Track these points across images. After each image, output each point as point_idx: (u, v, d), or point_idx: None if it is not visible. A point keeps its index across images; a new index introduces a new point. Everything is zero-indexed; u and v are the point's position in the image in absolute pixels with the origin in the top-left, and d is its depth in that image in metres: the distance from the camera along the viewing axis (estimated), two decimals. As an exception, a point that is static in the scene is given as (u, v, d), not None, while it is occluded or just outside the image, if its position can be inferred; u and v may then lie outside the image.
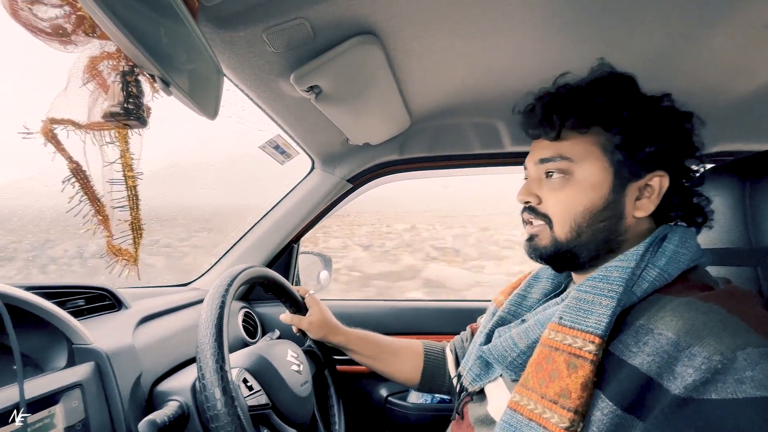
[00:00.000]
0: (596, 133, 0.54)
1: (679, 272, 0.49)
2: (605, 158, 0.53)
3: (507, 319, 0.67)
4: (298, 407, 0.71)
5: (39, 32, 0.43)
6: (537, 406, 0.47)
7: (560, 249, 0.55)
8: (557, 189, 0.55)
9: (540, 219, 0.57)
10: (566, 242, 0.55)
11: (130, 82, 0.49)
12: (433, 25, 0.68)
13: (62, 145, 0.48)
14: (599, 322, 0.46)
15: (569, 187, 0.54)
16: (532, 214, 0.58)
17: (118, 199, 0.55)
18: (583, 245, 0.54)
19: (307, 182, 1.21)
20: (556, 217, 0.55)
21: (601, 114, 0.54)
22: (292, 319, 0.87)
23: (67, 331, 0.61)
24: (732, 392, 0.36)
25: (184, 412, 0.63)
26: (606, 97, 0.54)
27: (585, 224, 0.53)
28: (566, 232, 0.54)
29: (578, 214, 0.53)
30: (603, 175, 0.53)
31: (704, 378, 0.37)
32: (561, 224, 0.55)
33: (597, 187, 0.53)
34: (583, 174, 0.54)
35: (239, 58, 0.69)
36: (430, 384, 0.86)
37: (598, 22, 0.69)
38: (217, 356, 0.52)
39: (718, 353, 0.37)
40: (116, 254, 0.58)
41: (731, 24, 0.68)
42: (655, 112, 0.54)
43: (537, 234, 0.58)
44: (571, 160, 0.54)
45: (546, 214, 0.56)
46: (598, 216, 0.53)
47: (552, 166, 0.55)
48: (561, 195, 0.55)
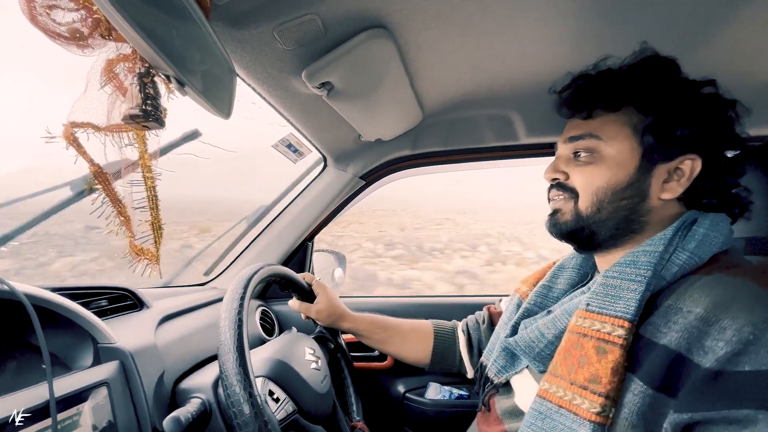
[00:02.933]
0: (628, 114, 0.54)
1: (710, 255, 0.48)
2: (635, 138, 0.53)
3: (533, 310, 0.66)
4: (321, 404, 0.72)
5: (57, 36, 0.44)
6: (566, 392, 0.47)
7: (580, 224, 0.56)
8: (584, 165, 0.56)
9: (566, 192, 0.57)
10: (587, 217, 0.55)
11: (146, 83, 0.49)
12: (444, 16, 0.67)
13: (83, 148, 0.49)
14: (628, 306, 0.46)
15: (596, 164, 0.55)
16: (560, 189, 0.58)
17: (138, 200, 0.55)
18: (602, 222, 0.54)
19: (320, 180, 1.22)
20: (581, 191, 0.56)
21: (634, 94, 0.54)
22: (299, 307, 0.88)
23: (92, 331, 0.62)
24: (765, 363, 0.36)
25: (207, 409, 0.64)
26: (642, 78, 0.54)
27: (607, 200, 0.54)
28: (588, 206, 0.55)
29: (600, 190, 0.54)
30: (631, 154, 0.53)
31: (736, 350, 0.37)
32: (584, 198, 0.55)
33: (623, 165, 0.53)
34: (610, 152, 0.54)
35: (251, 56, 0.69)
36: (440, 364, 0.86)
37: (613, 12, 0.66)
38: (245, 383, 0.51)
39: (749, 324, 0.37)
40: (139, 254, 0.59)
41: (757, 5, 0.65)
42: (692, 96, 0.53)
43: (560, 208, 0.58)
44: (600, 138, 0.55)
45: (573, 188, 0.57)
46: (621, 194, 0.53)
47: (581, 144, 0.56)
48: (587, 171, 0.55)
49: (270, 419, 0.52)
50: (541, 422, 0.48)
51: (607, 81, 0.56)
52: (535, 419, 0.49)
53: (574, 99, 0.58)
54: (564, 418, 0.46)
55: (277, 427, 0.53)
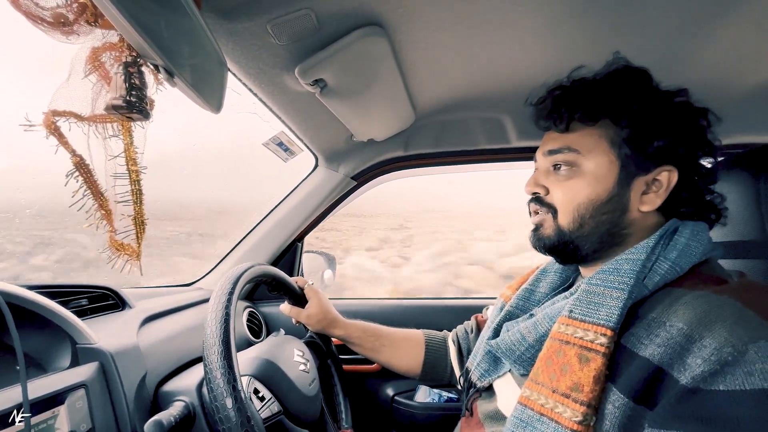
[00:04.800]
0: (605, 127, 0.54)
1: (690, 265, 0.49)
2: (612, 152, 0.54)
3: (515, 313, 0.66)
4: (308, 407, 0.70)
5: (40, 21, 0.42)
6: (548, 400, 0.46)
7: (563, 239, 0.56)
8: (563, 180, 0.56)
9: (545, 208, 0.58)
10: (569, 233, 0.55)
11: (132, 73, 0.48)
12: (439, 16, 0.67)
13: (65, 137, 0.47)
14: (610, 314, 0.46)
15: (575, 178, 0.55)
16: (539, 205, 0.59)
17: (122, 193, 0.53)
18: (585, 236, 0.55)
19: (310, 180, 1.20)
20: (560, 207, 0.56)
21: (609, 107, 0.54)
22: (290, 311, 0.86)
23: (71, 331, 0.59)
24: (740, 384, 0.35)
25: (190, 412, 0.62)
26: (616, 91, 0.54)
27: (588, 215, 0.54)
28: (569, 222, 0.55)
29: (581, 205, 0.54)
30: (609, 167, 0.53)
31: (713, 369, 0.37)
32: (565, 214, 0.55)
33: (602, 179, 0.53)
34: (589, 166, 0.54)
35: (243, 50, 0.67)
36: (431, 375, 0.85)
37: (606, 16, 0.68)
38: (228, 376, 0.51)
39: (729, 345, 0.37)
40: (119, 249, 0.56)
41: (740, 15, 0.67)
42: (666, 106, 0.53)
43: (541, 224, 0.58)
44: (579, 152, 0.55)
45: (552, 204, 0.57)
46: (601, 208, 0.53)
47: (560, 157, 0.56)
48: (566, 186, 0.56)
49: (253, 415, 0.51)
50: (522, 430, 0.47)
51: (583, 93, 0.56)
52: (516, 427, 0.48)
53: (551, 111, 0.57)
54: (545, 426, 0.45)
55: (261, 423, 0.52)
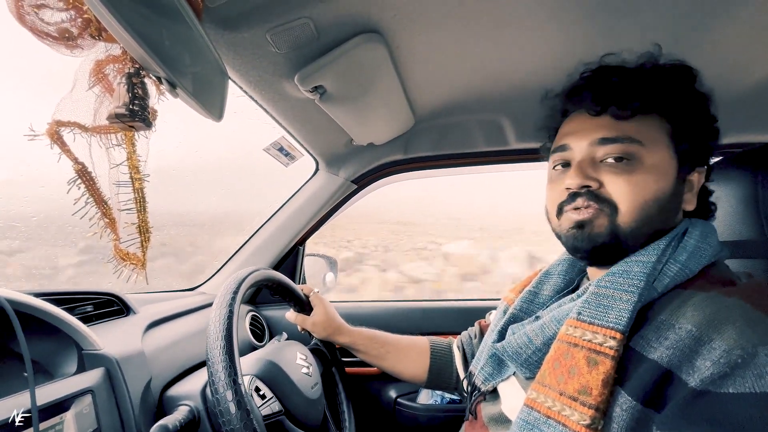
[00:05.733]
0: (661, 120, 0.52)
1: (700, 268, 0.48)
2: (671, 146, 0.51)
3: (519, 316, 0.66)
4: (310, 410, 0.71)
5: (45, 36, 0.43)
6: (555, 403, 0.46)
7: (617, 239, 0.50)
8: (624, 173, 0.50)
9: (600, 204, 0.51)
10: (629, 231, 0.50)
11: (135, 83, 0.49)
12: (436, 22, 0.68)
13: (68, 146, 0.48)
14: (620, 317, 0.45)
15: (639, 172, 0.50)
16: (593, 200, 0.51)
17: (125, 201, 0.54)
18: (641, 236, 0.50)
19: (311, 184, 1.21)
20: (623, 203, 0.50)
21: (673, 98, 0.52)
22: (296, 319, 0.87)
23: (77, 337, 0.60)
24: (750, 386, 0.35)
25: (195, 417, 0.63)
26: (678, 84, 0.52)
27: (654, 213, 0.50)
28: (633, 220, 0.50)
29: (648, 202, 0.49)
30: (670, 163, 0.51)
31: (722, 372, 0.37)
32: (629, 212, 0.50)
33: (664, 175, 0.50)
34: (652, 160, 0.50)
35: (243, 59, 0.68)
36: (437, 381, 0.85)
37: (602, 17, 0.68)
38: (230, 369, 0.52)
39: (738, 347, 0.37)
40: (124, 258, 0.57)
41: (737, 14, 0.67)
42: (709, 107, 0.54)
43: (592, 220, 0.51)
44: (641, 144, 0.50)
45: (610, 199, 0.51)
46: (666, 206, 0.50)
47: (618, 148, 0.50)
48: (631, 180, 0.50)
49: (253, 410, 0.52)
50: None
51: (645, 80, 0.51)
52: (522, 429, 0.48)
53: (611, 93, 0.51)
54: (552, 429, 0.45)
55: (260, 419, 0.53)
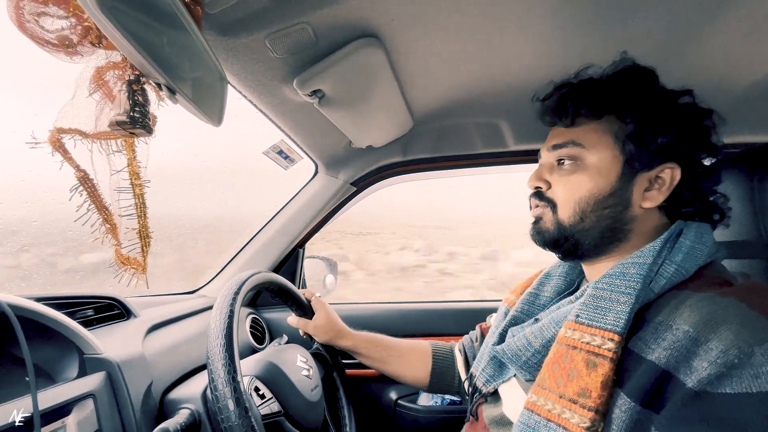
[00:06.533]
0: (610, 122, 0.55)
1: (696, 268, 0.49)
2: (616, 146, 0.54)
3: (520, 318, 0.66)
4: (310, 412, 0.71)
5: (45, 44, 0.44)
6: (555, 406, 0.46)
7: (563, 233, 0.56)
8: (566, 175, 0.57)
9: (544, 202, 0.58)
10: (569, 227, 0.56)
11: (135, 90, 0.49)
12: (433, 26, 0.68)
13: (69, 154, 0.48)
14: (618, 319, 0.46)
15: (578, 173, 0.55)
16: (538, 199, 0.59)
17: (125, 207, 0.55)
18: (586, 231, 0.55)
19: (311, 186, 1.22)
20: (560, 201, 0.57)
21: (614, 102, 0.55)
22: (298, 323, 0.87)
23: (78, 342, 0.61)
24: (747, 386, 0.36)
25: (196, 420, 0.63)
26: (622, 87, 0.55)
27: (589, 209, 0.54)
28: (569, 216, 0.56)
29: (582, 199, 0.55)
30: (612, 162, 0.54)
31: (719, 372, 0.37)
32: (565, 208, 0.56)
33: (605, 173, 0.54)
34: (592, 160, 0.55)
35: (242, 64, 0.69)
36: (439, 385, 0.85)
37: (598, 19, 0.68)
38: (229, 367, 0.53)
39: (735, 348, 0.37)
40: (125, 263, 0.58)
41: (733, 15, 0.68)
42: (671, 105, 0.54)
43: (541, 216, 0.59)
44: (583, 147, 0.55)
45: (551, 198, 0.58)
46: (603, 202, 0.54)
47: (564, 152, 0.57)
48: (569, 180, 0.56)
49: (251, 408, 0.52)
50: None
51: (589, 89, 0.57)
52: None
53: (557, 106, 0.59)
54: None
55: (259, 418, 0.53)
